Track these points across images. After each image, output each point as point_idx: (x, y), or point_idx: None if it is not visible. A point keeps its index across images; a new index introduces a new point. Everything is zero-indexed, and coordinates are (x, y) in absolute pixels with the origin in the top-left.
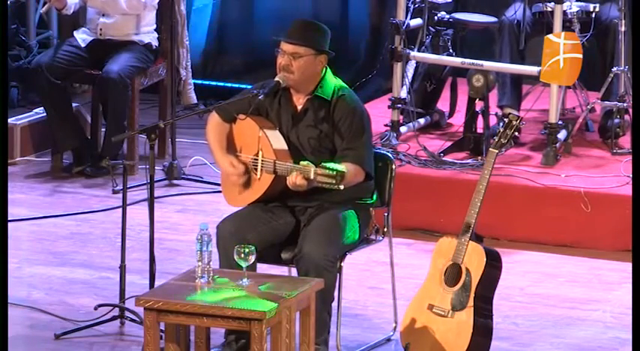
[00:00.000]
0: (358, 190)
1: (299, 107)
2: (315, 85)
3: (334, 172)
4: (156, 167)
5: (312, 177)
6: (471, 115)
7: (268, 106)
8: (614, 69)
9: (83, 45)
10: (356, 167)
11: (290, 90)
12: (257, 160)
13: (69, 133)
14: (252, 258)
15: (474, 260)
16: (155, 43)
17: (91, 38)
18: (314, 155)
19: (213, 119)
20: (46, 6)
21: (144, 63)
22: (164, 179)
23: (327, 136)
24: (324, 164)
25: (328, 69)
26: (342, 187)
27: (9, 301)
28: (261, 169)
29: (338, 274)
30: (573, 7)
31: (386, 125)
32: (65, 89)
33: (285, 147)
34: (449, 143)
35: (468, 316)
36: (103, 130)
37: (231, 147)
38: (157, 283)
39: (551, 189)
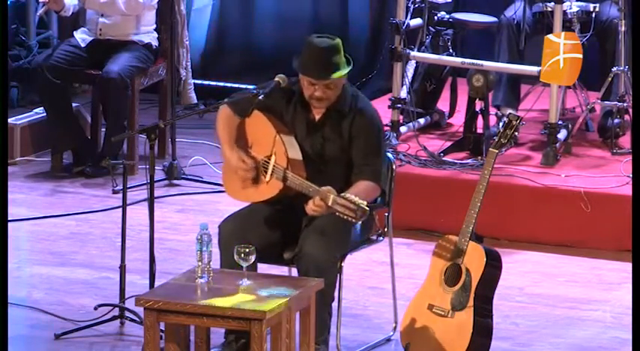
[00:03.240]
0: None
1: (317, 117)
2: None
3: (355, 207)
4: (156, 167)
5: (330, 204)
6: (471, 115)
7: (283, 109)
8: (614, 69)
9: (83, 45)
10: (373, 185)
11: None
12: (268, 162)
13: (68, 133)
14: (252, 258)
15: (474, 260)
16: (155, 43)
17: (90, 38)
18: (326, 165)
19: (224, 112)
20: (42, 9)
21: (144, 63)
22: (164, 179)
23: (343, 149)
24: (346, 195)
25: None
26: (359, 222)
27: (9, 301)
28: (272, 174)
29: (338, 274)
30: (573, 7)
31: (386, 125)
32: (65, 89)
33: (300, 157)
34: (449, 143)
35: (467, 316)
36: (103, 130)
37: (241, 140)
38: (157, 283)
39: (551, 189)
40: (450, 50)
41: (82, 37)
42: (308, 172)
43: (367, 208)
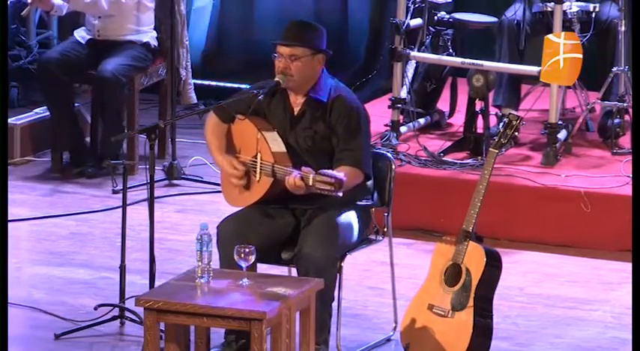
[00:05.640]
0: (358, 192)
1: (296, 109)
2: (312, 85)
3: (332, 180)
4: (156, 167)
5: (310, 183)
6: (471, 115)
7: (266, 107)
8: (614, 69)
9: (83, 42)
10: (354, 169)
11: (287, 91)
12: (255, 162)
13: (65, 133)
14: (252, 258)
15: (474, 260)
16: (154, 43)
17: (89, 37)
18: (312, 157)
19: (212, 120)
20: (27, 9)
21: (141, 62)
22: (164, 179)
23: (325, 138)
24: (322, 171)
25: (324, 69)
26: (340, 194)
27: (9, 301)
28: (260, 172)
29: (338, 274)
30: (573, 7)
31: (386, 125)
32: (69, 87)
33: (284, 149)
34: (449, 143)
35: (467, 316)
36: None
37: (229, 147)
38: (157, 283)
39: (551, 189)
40: (450, 50)
41: (81, 35)
42: (294, 164)
43: (343, 178)
